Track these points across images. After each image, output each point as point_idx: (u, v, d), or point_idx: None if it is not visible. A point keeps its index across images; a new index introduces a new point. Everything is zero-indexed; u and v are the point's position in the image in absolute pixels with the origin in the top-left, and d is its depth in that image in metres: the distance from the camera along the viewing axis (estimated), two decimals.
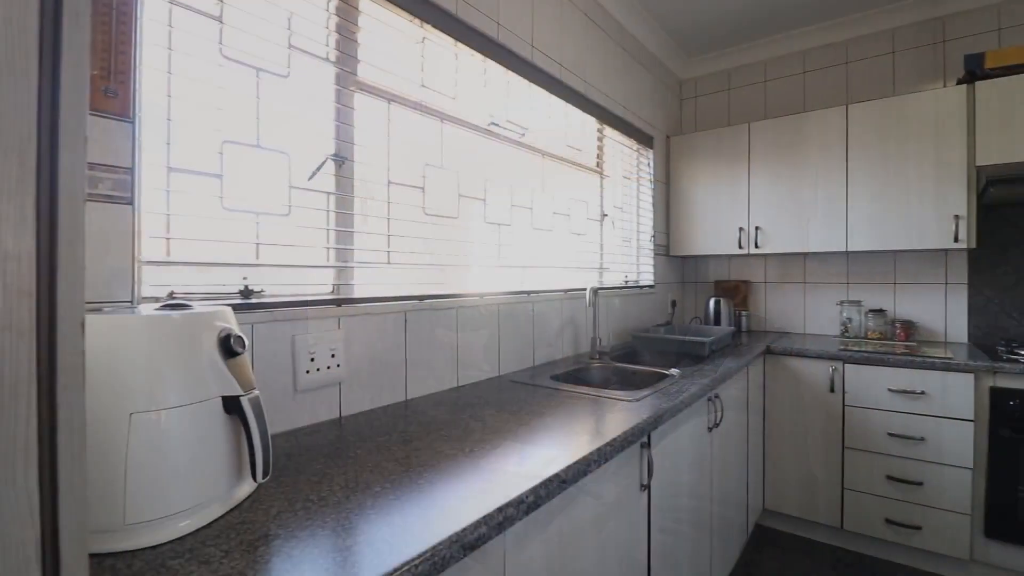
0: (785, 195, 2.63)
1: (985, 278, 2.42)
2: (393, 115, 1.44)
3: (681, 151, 3.00)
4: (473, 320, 1.61)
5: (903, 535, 2.10)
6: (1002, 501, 1.93)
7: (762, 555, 2.22)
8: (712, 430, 1.71)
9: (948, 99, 2.24)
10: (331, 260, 1.28)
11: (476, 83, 1.74)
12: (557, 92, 2.08)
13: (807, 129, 2.58)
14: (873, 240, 2.40)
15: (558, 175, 2.17)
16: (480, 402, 1.34)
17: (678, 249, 3.01)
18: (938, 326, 2.52)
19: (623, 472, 1.14)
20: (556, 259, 2.13)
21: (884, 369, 2.13)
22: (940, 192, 2.24)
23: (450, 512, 0.72)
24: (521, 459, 0.92)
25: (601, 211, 2.51)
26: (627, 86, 2.64)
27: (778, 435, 2.40)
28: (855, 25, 2.75)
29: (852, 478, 2.21)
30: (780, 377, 2.39)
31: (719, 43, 3.04)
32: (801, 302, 2.90)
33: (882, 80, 2.71)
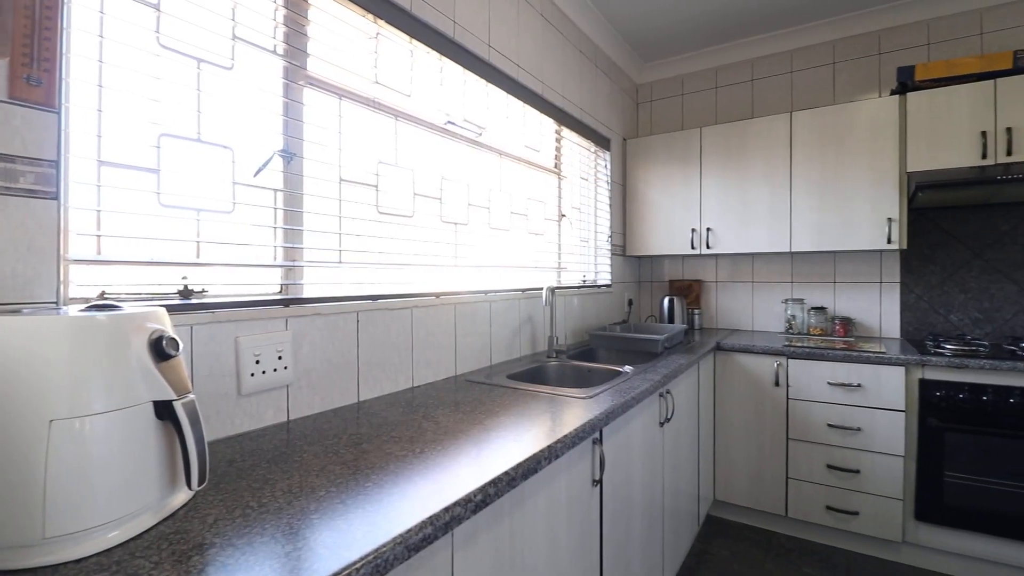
0: (734, 198, 2.74)
1: (915, 277, 2.59)
2: (345, 111, 1.41)
3: (637, 153, 3.07)
4: (429, 320, 1.59)
5: (842, 520, 2.22)
6: (930, 486, 2.07)
7: (713, 544, 2.30)
8: (664, 425, 1.75)
9: (882, 109, 2.38)
10: (279, 259, 1.24)
11: (432, 81, 1.73)
12: (515, 93, 2.09)
13: (754, 134, 2.69)
14: (815, 241, 2.52)
15: (516, 175, 2.18)
16: (435, 402, 1.34)
17: (634, 249, 3.08)
18: (873, 322, 2.68)
19: (575, 468, 1.16)
20: (514, 259, 2.14)
21: (824, 363, 2.25)
22: (875, 196, 2.38)
23: (396, 514, 0.71)
24: (472, 458, 0.92)
25: (559, 211, 2.54)
26: (585, 89, 2.68)
27: (728, 428, 2.49)
28: (799, 36, 2.88)
29: (796, 468, 2.32)
30: (729, 372, 2.49)
31: (673, 50, 3.13)
32: (749, 300, 3.03)
33: (824, 89, 2.85)
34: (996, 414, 1.95)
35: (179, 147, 1.06)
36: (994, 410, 1.96)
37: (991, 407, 1.96)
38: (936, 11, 2.56)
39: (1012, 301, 2.39)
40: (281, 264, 1.24)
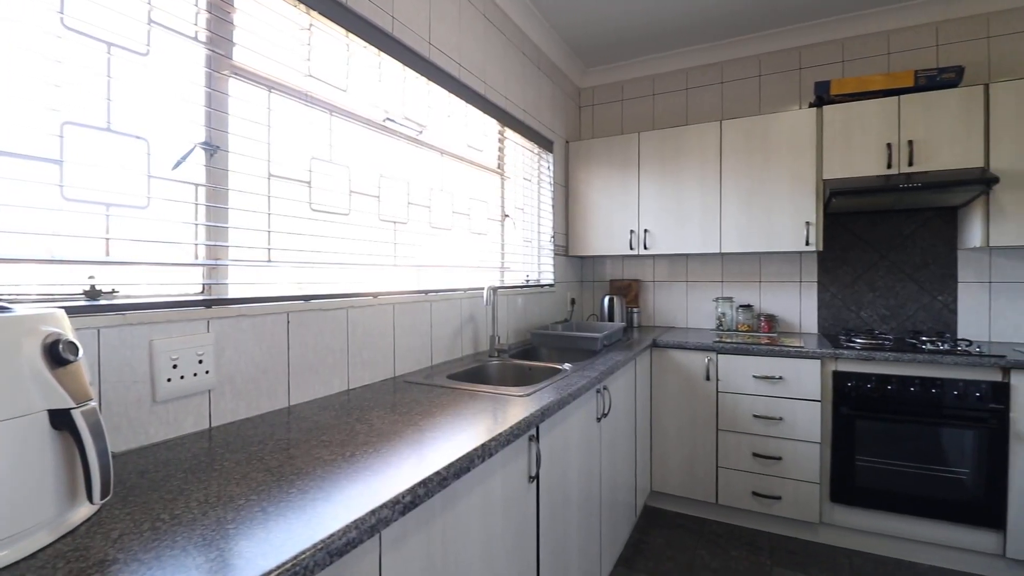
0: (670, 201, 2.85)
1: (831, 277, 2.80)
2: (275, 104, 1.36)
3: (579, 156, 3.14)
4: (366, 320, 1.56)
5: (766, 505, 2.37)
6: (843, 470, 2.24)
7: (650, 534, 2.39)
8: (601, 420, 1.81)
9: (802, 120, 2.55)
10: (200, 258, 1.18)
11: (370, 77, 1.69)
12: (457, 92, 2.09)
13: (687, 141, 2.81)
14: (742, 243, 2.67)
15: (458, 174, 2.18)
16: (370, 404, 1.31)
17: (576, 249, 3.14)
18: (794, 318, 2.87)
19: (511, 465, 1.17)
20: (456, 258, 2.13)
21: (750, 358, 2.39)
22: (795, 202, 2.55)
23: (320, 519, 0.70)
24: (404, 460, 0.92)
25: (502, 211, 2.56)
26: (528, 91, 2.71)
27: (664, 421, 2.60)
28: (729, 49, 3.04)
29: (725, 457, 2.45)
30: (665, 368, 2.59)
31: (614, 56, 3.22)
32: (684, 299, 3.16)
33: (751, 100, 3.02)
34: (899, 402, 2.14)
35: (86, 137, 0.99)
36: (897, 398, 2.15)
37: (895, 395, 2.15)
38: (849, 31, 2.77)
39: (913, 299, 2.63)
40: (203, 263, 1.17)
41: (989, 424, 2.02)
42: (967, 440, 2.05)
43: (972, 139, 2.24)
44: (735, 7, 2.64)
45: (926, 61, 2.63)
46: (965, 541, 2.07)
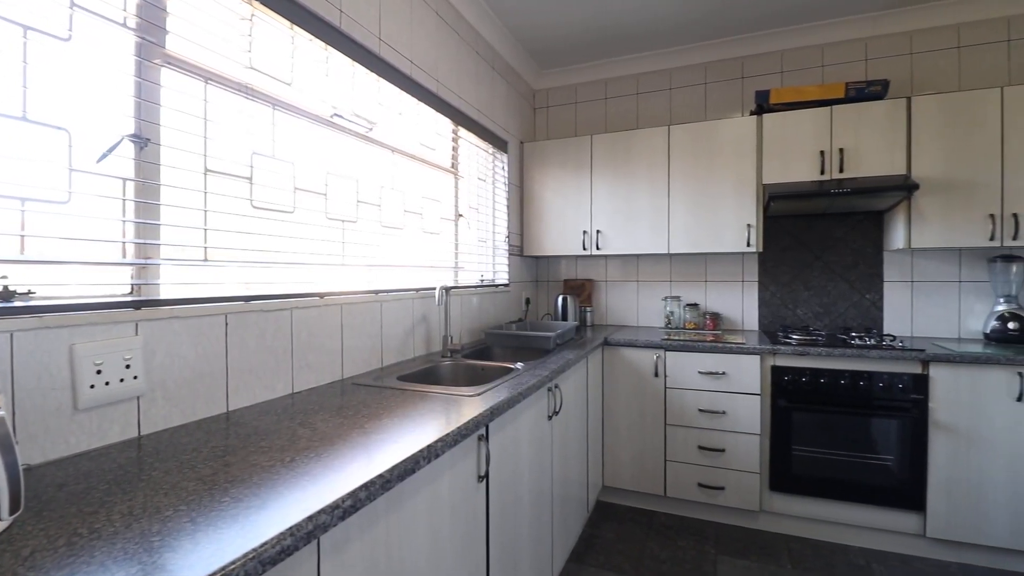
0: (621, 202, 2.92)
1: (770, 276, 2.94)
2: (213, 97, 1.30)
3: (533, 157, 3.16)
4: (312, 322, 1.52)
5: (711, 495, 2.47)
6: (781, 459, 2.36)
7: (602, 528, 2.44)
8: (552, 418, 1.83)
9: (744, 127, 2.67)
10: (129, 256, 1.12)
11: (317, 72, 1.65)
12: (408, 89, 2.06)
13: (638, 144, 2.89)
14: (689, 244, 2.77)
15: (410, 173, 2.15)
16: (315, 408, 1.28)
17: (531, 250, 3.17)
18: (737, 316, 3.01)
19: (460, 465, 1.17)
20: (408, 258, 2.11)
21: (696, 355, 2.48)
22: (737, 205, 2.67)
23: (253, 528, 0.67)
24: (347, 463, 0.90)
25: (456, 211, 2.54)
26: (482, 91, 2.71)
27: (615, 418, 2.66)
28: (677, 56, 3.14)
29: (673, 451, 2.53)
30: (616, 365, 2.65)
31: (568, 60, 3.27)
32: (635, 298, 3.25)
33: (697, 106, 3.13)
34: (831, 394, 2.28)
35: None
36: (830, 390, 2.28)
37: (827, 388, 2.28)
38: (788, 43, 2.92)
39: (844, 297, 2.80)
40: (131, 262, 1.11)
41: (911, 413, 2.18)
42: (892, 429, 2.21)
43: (896, 148, 2.41)
44: (683, 17, 2.73)
45: (856, 74, 2.81)
46: (891, 523, 2.22)
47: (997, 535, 2.07)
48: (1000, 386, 2.06)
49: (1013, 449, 2.04)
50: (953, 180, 2.32)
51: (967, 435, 2.10)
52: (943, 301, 2.63)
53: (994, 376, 2.06)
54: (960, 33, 2.64)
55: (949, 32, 2.65)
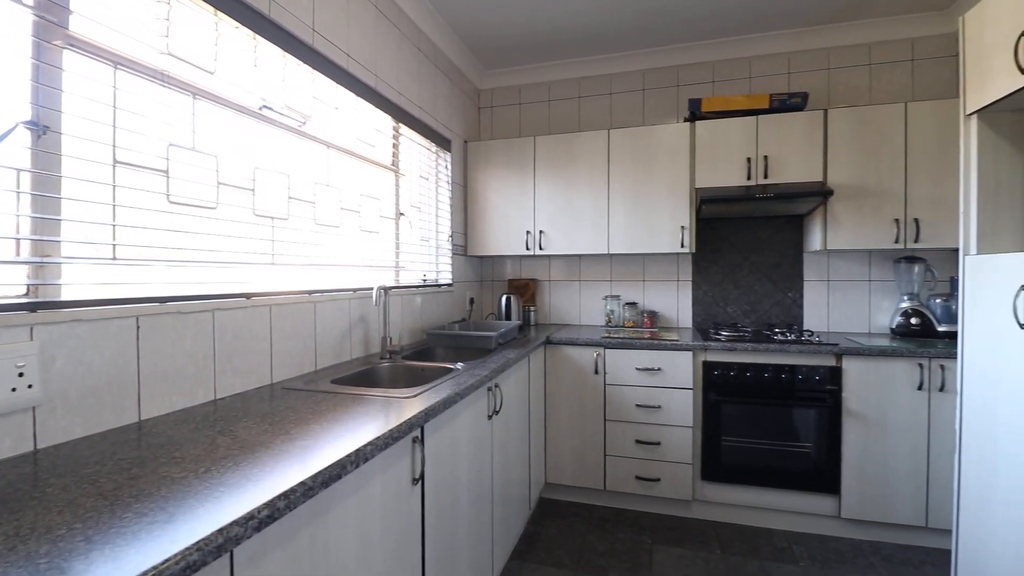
0: (563, 203, 2.97)
1: (703, 276, 3.08)
2: (123, 84, 1.21)
3: (478, 156, 3.16)
4: (237, 324, 1.45)
5: (647, 487, 2.55)
6: (712, 450, 2.48)
7: (544, 525, 2.48)
8: (492, 417, 1.83)
9: (678, 133, 2.78)
10: (24, 254, 1.02)
11: (244, 61, 1.57)
12: (345, 83, 2.01)
13: (580, 147, 2.94)
14: (628, 245, 2.86)
15: (348, 170, 2.09)
16: (238, 415, 1.22)
17: (475, 249, 3.16)
18: (673, 314, 3.13)
19: (393, 468, 1.15)
20: (344, 257, 2.05)
21: (633, 352, 2.56)
22: (672, 208, 2.78)
23: (156, 544, 0.63)
24: (266, 472, 0.86)
25: (397, 209, 2.50)
26: (424, 88, 2.68)
27: (557, 415, 2.70)
28: (617, 62, 3.23)
29: (612, 445, 2.60)
30: (558, 364, 2.69)
31: (512, 60, 3.28)
32: (578, 298, 3.32)
33: (636, 111, 3.23)
34: (757, 386, 2.42)
35: None
36: (755, 383, 2.42)
37: (753, 381, 2.42)
38: (719, 55, 3.07)
39: (769, 295, 2.98)
40: (26, 260, 1.02)
41: (827, 403, 2.34)
42: (810, 418, 2.37)
43: (814, 156, 2.58)
44: (623, 25, 2.81)
45: (780, 86, 2.99)
46: (809, 506, 2.38)
47: (903, 513, 2.26)
48: (904, 377, 2.25)
49: (915, 434, 2.24)
50: (863, 187, 2.52)
51: (876, 422, 2.28)
52: (855, 299, 2.85)
53: (899, 367, 2.26)
54: (871, 52, 2.86)
55: (862, 50, 2.87)
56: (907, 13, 2.74)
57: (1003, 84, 1.51)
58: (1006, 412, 1.47)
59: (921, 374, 2.22)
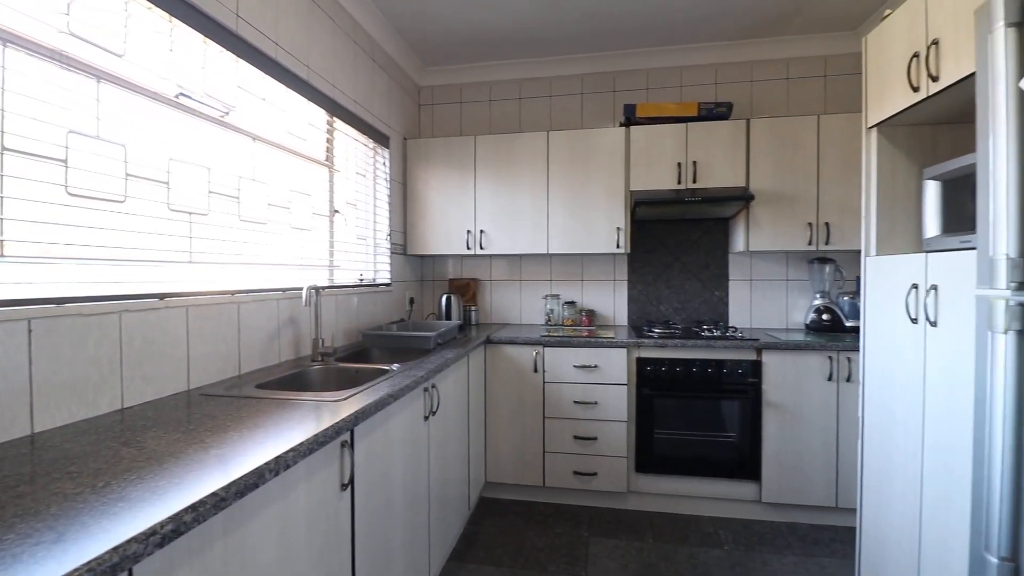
0: (503, 203, 2.99)
1: (638, 276, 3.19)
2: (14, 63, 1.10)
3: (418, 154, 3.11)
4: (148, 327, 1.35)
5: (585, 482, 2.62)
6: (645, 443, 2.57)
7: (483, 524, 2.48)
8: (429, 418, 1.81)
9: (614, 137, 2.86)
10: None
11: (159, 45, 1.47)
12: (274, 73, 1.92)
13: (520, 147, 2.97)
14: (566, 245, 2.91)
15: (277, 164, 2.00)
16: (148, 424, 1.14)
17: (415, 248, 3.12)
18: (609, 312, 3.23)
19: (319, 475, 1.11)
20: (273, 255, 1.96)
21: (571, 350, 2.62)
22: (609, 209, 2.86)
23: (41, 567, 0.58)
24: (174, 484, 0.81)
25: (331, 206, 2.42)
26: (361, 82, 2.61)
27: (497, 414, 2.71)
28: (557, 66, 3.28)
29: (551, 442, 2.65)
30: (498, 363, 2.71)
31: (453, 59, 3.26)
32: (518, 297, 3.35)
33: (574, 115, 3.30)
34: (685, 381, 2.53)
35: None
36: (684, 378, 2.53)
37: (683, 375, 2.53)
38: (653, 63, 3.19)
39: (698, 294, 3.13)
40: None
41: (749, 395, 2.49)
42: (735, 409, 2.51)
43: (737, 163, 2.74)
44: (561, 28, 2.85)
45: (708, 95, 3.15)
46: (734, 492, 2.53)
47: (816, 495, 2.44)
48: (815, 368, 2.43)
49: (825, 422, 2.43)
50: (781, 192, 2.70)
51: (792, 411, 2.45)
52: (775, 296, 3.05)
53: (811, 360, 2.44)
54: (789, 67, 3.07)
55: (780, 65, 3.08)
56: (821, 32, 2.96)
57: (898, 100, 1.66)
58: (901, 400, 1.63)
59: (830, 366, 2.41)
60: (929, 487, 1.47)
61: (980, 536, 1.10)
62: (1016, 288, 1.01)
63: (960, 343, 1.33)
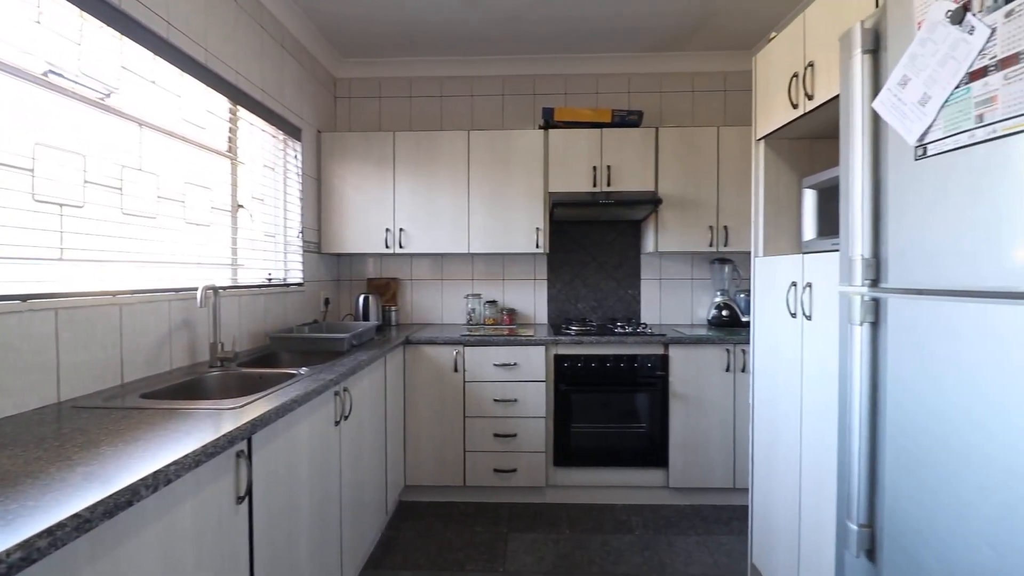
0: (424, 202, 2.95)
1: (556, 275, 3.28)
2: None
3: (333, 148, 2.99)
4: (8, 332, 1.19)
5: (505, 479, 2.65)
6: (563, 437, 2.65)
7: (402, 528, 2.43)
8: (340, 423, 1.75)
9: (534, 139, 2.92)
10: None
11: (21, 15, 1.30)
12: (165, 55, 1.76)
13: (441, 146, 2.95)
14: (488, 245, 2.93)
15: (169, 154, 1.84)
16: (3, 442, 1.00)
17: (331, 247, 2.99)
18: (530, 311, 3.29)
19: (208, 489, 1.04)
20: (164, 253, 1.80)
21: (492, 348, 2.64)
22: (528, 210, 2.91)
23: None
24: (27, 507, 0.72)
25: (234, 201, 2.26)
26: (269, 70, 2.46)
27: (417, 416, 2.67)
28: (479, 66, 3.29)
29: (471, 441, 2.65)
30: (418, 363, 2.67)
31: (371, 51, 3.16)
32: (440, 297, 3.32)
33: (496, 115, 3.33)
34: (600, 376, 2.64)
35: None
36: (599, 373, 2.64)
37: (598, 371, 2.64)
38: (571, 69, 3.29)
39: (613, 293, 3.27)
40: None
41: (657, 387, 2.64)
42: (645, 401, 2.65)
43: (647, 168, 2.89)
44: (483, 27, 2.86)
45: (622, 103, 3.30)
46: (645, 480, 2.67)
47: (716, 478, 2.64)
48: (715, 361, 2.62)
49: (724, 409, 2.63)
50: (686, 197, 2.88)
51: (695, 401, 2.63)
52: (682, 294, 3.25)
53: (711, 353, 2.63)
54: (694, 80, 3.29)
55: (686, 78, 3.29)
56: (722, 49, 3.20)
57: (781, 115, 1.83)
58: (784, 386, 1.79)
59: (728, 358, 2.61)
60: (807, 463, 1.63)
61: (844, 505, 1.24)
62: (870, 285, 1.15)
63: (829, 334, 1.50)
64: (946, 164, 0.97)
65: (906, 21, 1.06)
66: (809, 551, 1.63)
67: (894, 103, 1.07)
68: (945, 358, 0.97)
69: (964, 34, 0.93)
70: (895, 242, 1.09)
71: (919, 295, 1.02)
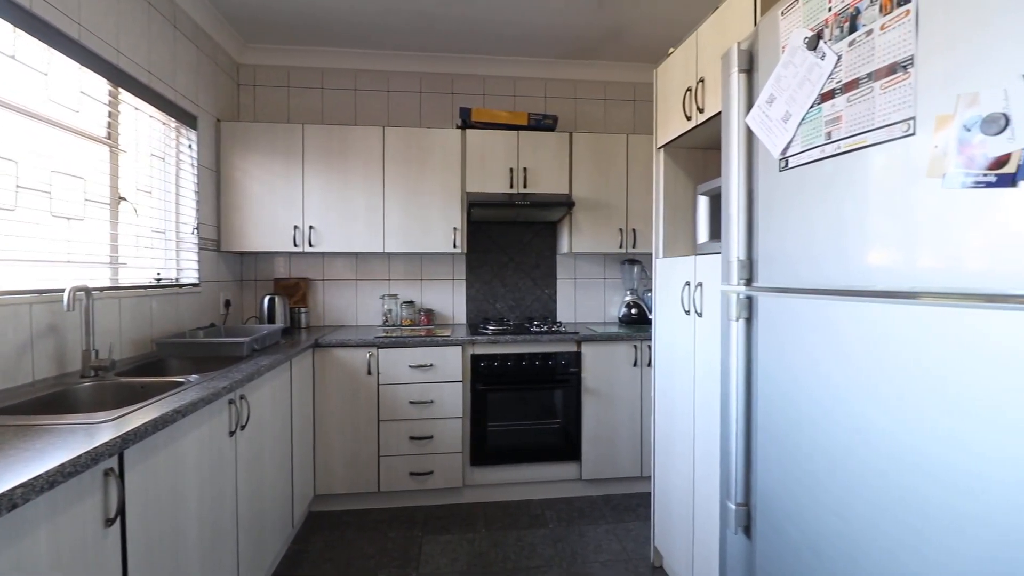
0: (336, 199, 2.84)
1: (475, 275, 3.29)
2: None
3: (235, 139, 2.80)
4: None
5: (421, 481, 2.62)
6: (479, 436, 2.66)
7: (310, 540, 2.33)
8: (235, 433, 1.64)
9: (452, 138, 2.91)
10: None
11: None
12: (27, 27, 1.56)
13: (354, 141, 2.85)
14: (404, 244, 2.88)
15: (30, 138, 1.63)
16: None
17: (231, 244, 2.80)
18: (448, 311, 3.27)
19: (68, 514, 0.93)
20: (21, 249, 1.59)
21: (407, 350, 2.59)
22: (446, 209, 2.90)
23: None
24: None
25: (114, 192, 2.05)
26: (158, 51, 2.25)
27: (327, 422, 2.57)
28: (396, 61, 3.22)
29: (386, 445, 2.59)
30: (328, 368, 2.56)
31: (279, 37, 2.99)
32: (354, 297, 3.21)
33: (413, 112, 3.28)
34: (515, 374, 2.68)
35: None
36: (515, 372, 2.68)
37: (514, 369, 2.68)
38: (489, 71, 3.31)
39: (530, 292, 3.34)
40: None
41: (571, 384, 2.73)
42: (559, 397, 2.73)
43: (562, 172, 2.98)
44: (399, 20, 2.80)
45: (538, 107, 3.37)
46: (560, 474, 2.74)
47: (625, 468, 2.77)
48: (623, 356, 2.76)
49: (631, 403, 2.77)
50: (598, 200, 3.00)
51: (606, 396, 2.75)
52: (595, 294, 3.39)
53: (620, 349, 2.76)
54: (606, 89, 3.43)
55: (599, 86, 3.42)
56: (631, 61, 3.36)
57: (677, 126, 1.96)
58: (679, 378, 1.92)
59: (635, 354, 2.76)
60: (700, 451, 1.76)
61: (724, 487, 1.35)
62: (745, 284, 1.26)
63: (715, 329, 1.63)
64: (801, 176, 1.09)
65: (774, 45, 1.17)
66: (701, 532, 1.76)
67: (763, 119, 1.18)
68: (797, 350, 1.09)
69: (818, 59, 1.05)
70: (764, 245, 1.21)
71: (780, 293, 1.14)
